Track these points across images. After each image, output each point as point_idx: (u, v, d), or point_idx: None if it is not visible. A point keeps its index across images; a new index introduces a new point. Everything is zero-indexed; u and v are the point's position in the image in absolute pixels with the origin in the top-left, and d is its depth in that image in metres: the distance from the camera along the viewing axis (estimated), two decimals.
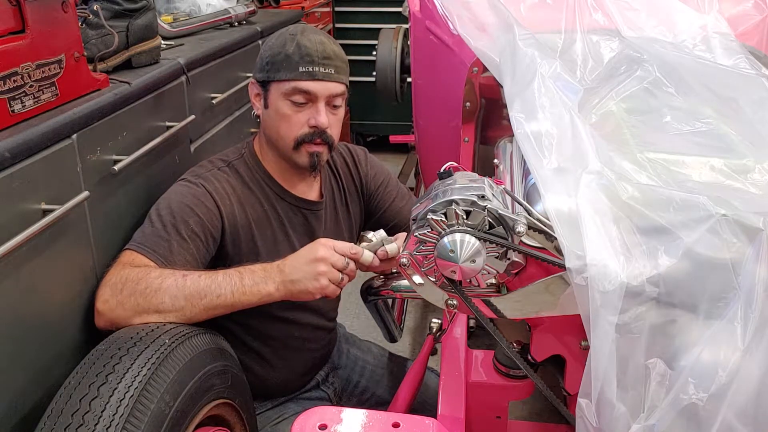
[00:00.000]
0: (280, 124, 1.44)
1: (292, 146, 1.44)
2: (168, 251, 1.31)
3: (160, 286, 1.22)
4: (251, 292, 1.25)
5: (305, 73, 1.39)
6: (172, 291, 1.22)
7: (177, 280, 1.23)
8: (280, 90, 1.42)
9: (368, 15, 4.31)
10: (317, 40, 1.42)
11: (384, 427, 1.04)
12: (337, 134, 1.49)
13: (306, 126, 1.42)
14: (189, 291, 1.23)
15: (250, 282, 1.25)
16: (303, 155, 1.45)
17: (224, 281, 1.25)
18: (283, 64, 1.40)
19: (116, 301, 1.23)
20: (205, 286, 1.24)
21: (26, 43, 1.15)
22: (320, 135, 1.43)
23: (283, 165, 1.51)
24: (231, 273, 1.26)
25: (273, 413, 1.60)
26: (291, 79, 1.40)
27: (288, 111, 1.42)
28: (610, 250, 0.86)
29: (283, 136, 1.44)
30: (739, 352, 0.81)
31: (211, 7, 2.26)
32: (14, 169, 1.09)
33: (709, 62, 1.29)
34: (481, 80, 1.64)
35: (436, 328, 1.62)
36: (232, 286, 1.24)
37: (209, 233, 1.38)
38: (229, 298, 1.24)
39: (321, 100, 1.41)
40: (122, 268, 1.27)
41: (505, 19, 1.38)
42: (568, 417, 1.02)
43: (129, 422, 1.03)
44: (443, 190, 1.01)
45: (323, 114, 1.42)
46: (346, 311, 2.69)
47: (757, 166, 1.01)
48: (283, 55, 1.40)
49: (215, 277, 1.25)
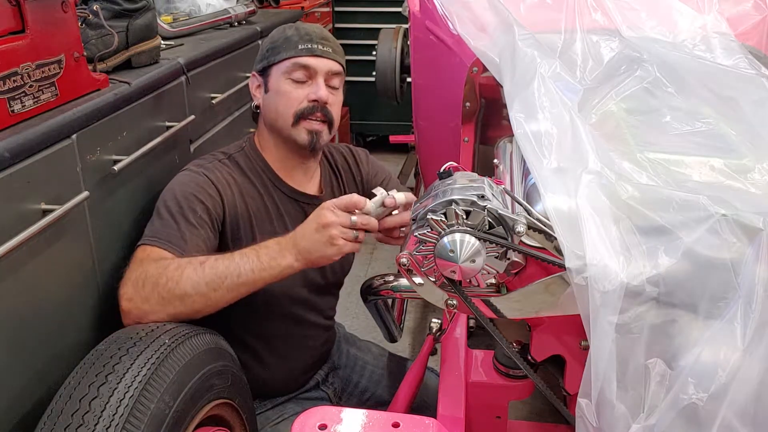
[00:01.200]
0: (280, 101, 1.47)
1: (291, 122, 1.46)
2: (181, 240, 1.32)
3: (180, 276, 1.23)
4: (270, 266, 1.24)
5: (305, 49, 1.45)
6: (192, 279, 1.22)
7: (196, 268, 1.24)
8: (281, 70, 1.47)
9: (368, 15, 4.32)
10: (315, 26, 1.51)
11: (384, 427, 1.03)
12: (337, 115, 1.51)
13: (306, 101, 1.46)
14: (209, 277, 1.23)
15: (267, 257, 1.25)
16: (302, 132, 1.47)
17: (242, 261, 1.24)
18: (283, 46, 1.47)
19: (140, 298, 1.23)
20: (225, 268, 1.24)
21: (26, 43, 1.15)
22: (321, 110, 1.46)
23: (283, 152, 1.52)
24: (247, 252, 1.26)
25: (273, 413, 1.60)
26: (291, 56, 1.45)
27: (288, 88, 1.46)
28: (610, 250, 0.86)
29: (283, 112, 1.47)
30: (739, 352, 0.81)
31: (211, 7, 2.26)
32: (14, 169, 1.09)
33: (709, 62, 1.29)
34: (481, 80, 1.64)
35: (436, 328, 1.62)
36: (251, 264, 1.24)
37: (215, 219, 1.40)
38: (250, 276, 1.24)
39: (320, 76, 1.46)
40: (140, 264, 1.28)
41: (505, 19, 1.38)
42: (568, 417, 1.02)
43: (129, 422, 1.03)
44: (443, 190, 1.01)
45: (323, 87, 1.46)
46: (346, 311, 2.69)
47: (757, 166, 1.01)
48: (282, 38, 1.48)
49: (232, 259, 1.25)
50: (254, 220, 1.48)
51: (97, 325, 1.35)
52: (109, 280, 1.37)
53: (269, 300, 1.50)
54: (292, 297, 1.54)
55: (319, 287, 1.60)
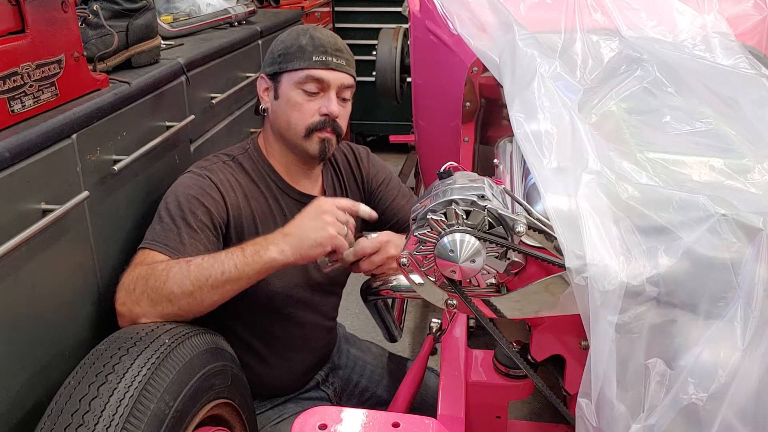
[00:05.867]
0: (292, 113, 1.46)
1: (303, 134, 1.46)
2: (179, 243, 1.32)
3: (167, 276, 1.23)
4: (253, 261, 1.24)
5: (319, 62, 1.44)
6: (178, 278, 1.22)
7: (182, 267, 1.24)
8: (293, 79, 1.45)
9: (368, 15, 4.32)
10: (329, 35, 1.48)
11: (384, 427, 1.03)
12: (344, 127, 1.51)
13: (317, 114, 1.45)
14: (194, 275, 1.23)
15: (251, 251, 1.25)
16: (314, 142, 1.47)
17: (226, 258, 1.25)
18: (296, 55, 1.45)
19: (132, 301, 1.24)
20: (209, 266, 1.24)
21: (26, 43, 1.15)
22: (331, 124, 1.46)
23: (289, 159, 1.52)
24: (233, 249, 1.27)
25: (273, 413, 1.60)
26: (305, 67, 1.44)
27: (300, 99, 1.45)
28: (610, 249, 0.86)
29: (295, 124, 1.46)
30: (739, 352, 0.81)
31: (211, 7, 2.26)
32: (14, 169, 1.10)
33: (709, 62, 1.29)
34: (481, 80, 1.64)
35: (436, 328, 1.62)
36: (234, 260, 1.24)
37: (217, 223, 1.40)
38: (234, 272, 1.23)
39: (332, 89, 1.46)
40: (134, 268, 1.29)
41: (505, 19, 1.38)
42: (568, 417, 1.02)
43: (129, 422, 1.03)
44: (443, 190, 1.01)
45: (335, 102, 1.46)
46: (346, 311, 2.69)
47: (757, 166, 1.01)
48: (296, 46, 1.45)
49: (218, 256, 1.25)
50: (258, 222, 1.47)
51: (97, 325, 1.35)
52: (109, 280, 1.37)
53: (271, 300, 1.50)
54: (294, 297, 1.54)
55: (321, 287, 1.60)
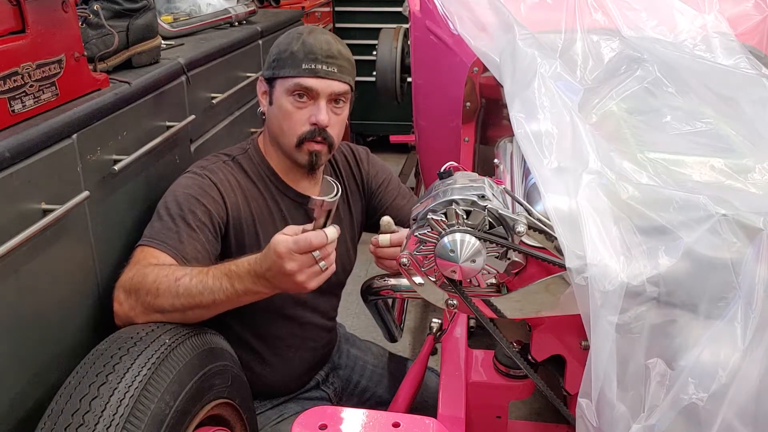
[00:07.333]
0: (283, 121, 1.45)
1: (294, 143, 1.45)
2: (178, 242, 1.31)
3: (157, 291, 1.22)
4: (245, 293, 1.21)
5: (308, 70, 1.41)
6: (167, 297, 1.22)
7: (170, 285, 1.21)
8: (284, 87, 1.44)
9: (368, 15, 4.32)
10: (323, 40, 1.44)
11: (384, 427, 1.04)
12: (338, 134, 1.49)
13: (307, 123, 1.43)
14: (183, 297, 1.21)
15: (242, 287, 1.21)
16: (303, 153, 1.46)
17: (215, 285, 1.21)
18: (287, 62, 1.43)
19: (128, 305, 1.25)
20: (197, 292, 1.21)
21: (26, 43, 1.15)
22: (320, 133, 1.44)
23: (287, 163, 1.52)
24: (220, 276, 1.22)
25: (273, 413, 1.60)
26: (294, 75, 1.42)
27: (290, 108, 1.43)
28: (610, 250, 0.86)
29: (286, 133, 1.45)
30: (739, 352, 0.81)
31: (211, 7, 2.26)
32: (14, 169, 1.09)
33: (709, 62, 1.29)
34: (482, 80, 1.64)
35: (436, 328, 1.62)
36: (224, 291, 1.21)
37: (216, 223, 1.39)
38: (224, 303, 1.22)
39: (322, 98, 1.43)
40: (132, 267, 1.28)
41: (505, 19, 1.38)
42: (568, 417, 1.02)
43: (129, 422, 1.03)
44: (443, 190, 1.01)
45: (324, 112, 1.43)
46: (346, 311, 2.69)
47: (757, 166, 1.01)
48: (288, 52, 1.43)
49: (206, 281, 1.21)
50: (258, 223, 1.47)
51: (97, 325, 1.35)
52: (109, 280, 1.37)
53: (271, 301, 1.49)
54: (293, 298, 1.54)
55: (321, 288, 1.60)
